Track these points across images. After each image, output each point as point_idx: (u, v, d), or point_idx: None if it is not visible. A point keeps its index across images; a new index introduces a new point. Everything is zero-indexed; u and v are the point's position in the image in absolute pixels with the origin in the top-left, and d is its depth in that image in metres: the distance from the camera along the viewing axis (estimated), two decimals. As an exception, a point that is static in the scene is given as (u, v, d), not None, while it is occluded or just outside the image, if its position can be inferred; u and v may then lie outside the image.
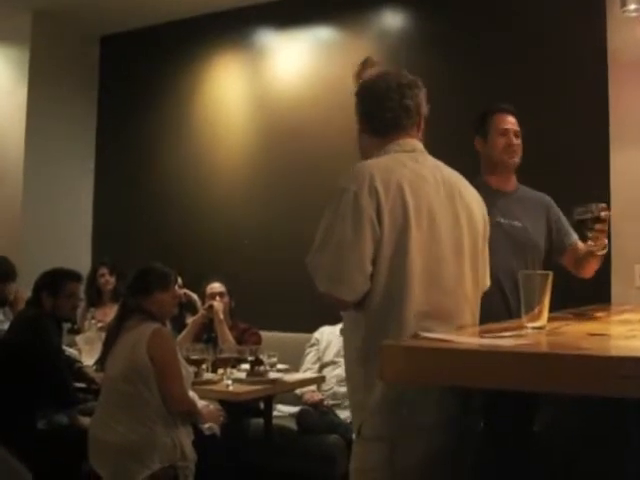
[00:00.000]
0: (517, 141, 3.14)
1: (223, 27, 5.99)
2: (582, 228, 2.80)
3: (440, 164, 2.28)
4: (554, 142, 4.54)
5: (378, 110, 2.27)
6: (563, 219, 3.13)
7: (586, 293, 3.12)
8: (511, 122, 3.15)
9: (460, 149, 3.23)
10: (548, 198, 3.19)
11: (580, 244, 3.02)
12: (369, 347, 2.04)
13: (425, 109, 2.38)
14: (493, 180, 3.13)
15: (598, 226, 2.75)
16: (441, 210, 2.14)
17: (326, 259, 2.05)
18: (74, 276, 4.22)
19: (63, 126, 6.32)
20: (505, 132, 3.12)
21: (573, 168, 4.49)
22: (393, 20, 5.39)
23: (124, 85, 6.52)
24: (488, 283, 2.34)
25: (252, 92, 5.93)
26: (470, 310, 2.20)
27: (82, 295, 4.67)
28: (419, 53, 5.17)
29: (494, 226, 2.91)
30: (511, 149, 3.11)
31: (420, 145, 2.30)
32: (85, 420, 3.77)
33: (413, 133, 2.30)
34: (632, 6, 3.33)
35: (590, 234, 2.78)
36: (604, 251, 2.89)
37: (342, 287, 2.03)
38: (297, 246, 5.33)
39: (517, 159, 3.14)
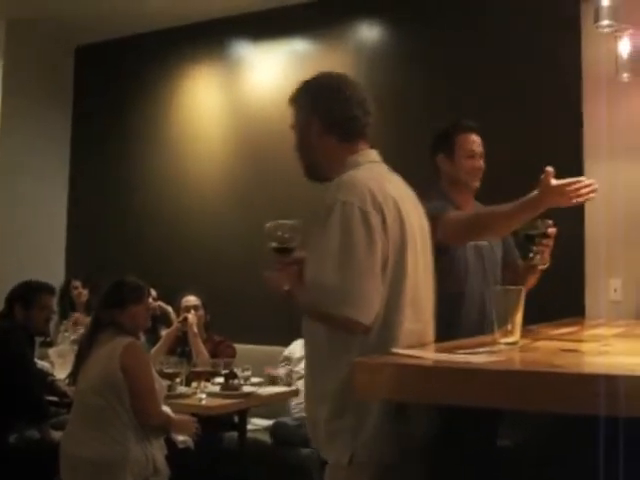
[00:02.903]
0: (482, 164, 3.11)
1: (199, 38, 5.98)
2: (529, 243, 2.81)
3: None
4: (528, 156, 4.56)
5: (351, 111, 2.13)
6: (510, 240, 3.12)
7: (560, 307, 3.14)
8: (477, 143, 3.10)
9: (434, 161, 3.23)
10: None
11: (519, 260, 3.03)
12: None
13: None
14: (458, 200, 3.12)
15: (544, 241, 2.77)
16: (414, 223, 2.08)
17: (341, 280, 1.90)
18: (48, 288, 4.20)
19: (37, 136, 6.27)
20: (472, 154, 3.07)
21: (547, 182, 4.51)
22: (369, 33, 5.40)
23: (99, 95, 6.48)
24: None
25: (229, 103, 5.92)
26: (433, 328, 2.15)
27: (55, 308, 4.63)
28: (395, 67, 5.19)
29: (467, 248, 2.91)
30: (478, 172, 3.08)
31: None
32: (57, 434, 3.73)
33: (368, 142, 2.19)
34: (605, 22, 3.35)
35: (536, 249, 2.79)
36: (545, 266, 2.88)
37: (361, 311, 1.90)
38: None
39: (479, 182, 3.11)
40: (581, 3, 4.46)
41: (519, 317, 1.87)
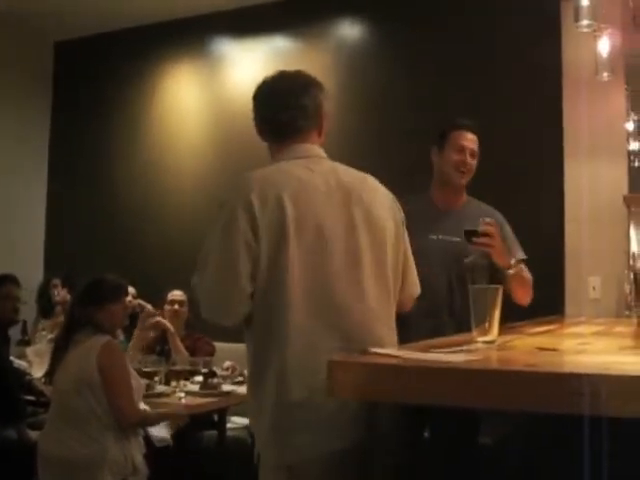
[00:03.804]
0: (471, 161, 3.08)
1: (180, 35, 5.96)
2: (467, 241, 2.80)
3: (339, 168, 2.14)
4: (509, 156, 4.58)
5: (274, 111, 2.15)
6: (509, 238, 3.04)
7: (541, 305, 3.14)
8: (469, 139, 3.09)
9: (417, 161, 3.24)
10: (497, 215, 3.10)
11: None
12: (257, 370, 1.97)
13: (327, 110, 2.20)
14: (440, 195, 3.11)
15: (475, 239, 2.74)
16: (332, 220, 2.01)
17: (204, 281, 1.97)
18: (9, 278, 4.19)
19: (15, 132, 6.21)
20: (461, 149, 3.07)
21: (527, 182, 4.53)
22: (351, 31, 5.40)
23: (79, 92, 6.44)
24: (416, 291, 2.24)
25: (209, 100, 5.91)
26: (382, 324, 2.07)
27: (32, 302, 4.60)
28: (377, 64, 5.19)
29: (429, 242, 2.87)
30: (464, 167, 3.06)
31: (316, 150, 2.15)
32: (34, 434, 3.69)
33: (312, 137, 2.16)
34: (584, 21, 3.35)
35: (471, 246, 2.77)
36: (513, 271, 2.83)
37: (220, 311, 1.95)
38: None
39: (466, 179, 3.09)
40: (561, 3, 4.48)
41: (497, 315, 1.86)
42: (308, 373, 1.85)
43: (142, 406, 3.44)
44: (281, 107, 2.14)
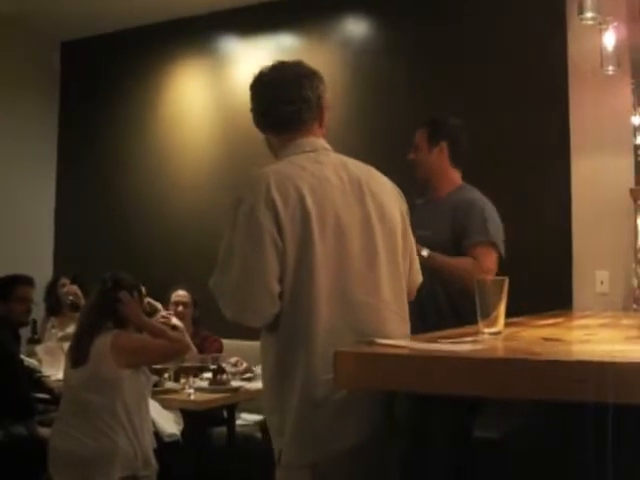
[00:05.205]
0: (411, 155, 3.25)
1: (186, 33, 5.97)
2: None
3: (346, 160, 2.10)
4: (516, 149, 4.58)
5: (276, 104, 2.09)
6: (469, 224, 3.04)
7: (548, 299, 3.15)
8: (416, 136, 3.26)
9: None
10: (466, 202, 3.10)
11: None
12: (281, 368, 1.93)
13: (327, 102, 2.15)
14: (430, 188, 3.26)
15: None
16: (349, 214, 1.98)
17: (229, 282, 1.90)
18: (25, 280, 4.19)
19: (23, 132, 6.23)
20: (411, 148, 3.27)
21: (534, 176, 4.52)
22: (356, 28, 5.40)
23: (86, 91, 6.46)
24: (419, 279, 2.22)
25: (215, 99, 5.92)
26: (396, 316, 2.06)
27: (40, 301, 4.61)
28: (382, 61, 5.19)
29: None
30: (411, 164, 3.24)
31: (321, 142, 2.11)
32: (45, 431, 3.71)
33: (314, 129, 2.11)
34: (589, 14, 3.34)
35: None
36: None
37: (249, 313, 1.90)
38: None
39: (418, 173, 3.23)
40: (566, -4, 4.48)
41: (502, 307, 1.87)
42: (331, 371, 1.83)
43: (151, 402, 3.47)
44: (283, 99, 2.09)
